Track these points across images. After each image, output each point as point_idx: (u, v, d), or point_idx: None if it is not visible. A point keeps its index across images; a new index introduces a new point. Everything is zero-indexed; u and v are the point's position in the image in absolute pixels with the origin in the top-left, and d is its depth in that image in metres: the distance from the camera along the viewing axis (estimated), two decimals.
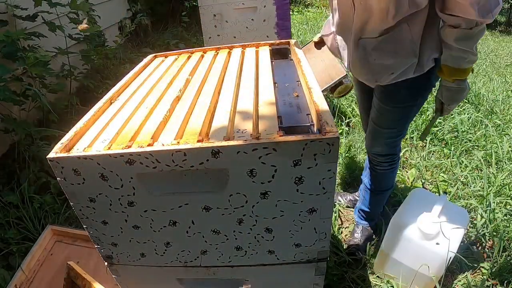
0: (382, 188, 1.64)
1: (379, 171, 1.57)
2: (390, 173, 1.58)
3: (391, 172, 1.58)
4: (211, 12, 2.29)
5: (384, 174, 1.58)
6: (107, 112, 0.93)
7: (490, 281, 1.56)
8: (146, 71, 1.19)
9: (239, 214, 0.80)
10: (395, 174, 1.62)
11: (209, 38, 2.37)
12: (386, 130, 1.42)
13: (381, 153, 1.50)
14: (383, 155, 1.51)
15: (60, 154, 0.74)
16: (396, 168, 1.59)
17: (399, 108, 1.34)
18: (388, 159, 1.52)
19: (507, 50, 6.11)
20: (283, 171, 0.72)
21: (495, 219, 1.80)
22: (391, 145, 1.47)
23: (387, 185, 1.64)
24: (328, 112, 0.75)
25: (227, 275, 0.96)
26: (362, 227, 1.79)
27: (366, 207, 1.73)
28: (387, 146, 1.48)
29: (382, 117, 1.39)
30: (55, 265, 1.47)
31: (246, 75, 1.03)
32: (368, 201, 1.70)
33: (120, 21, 4.01)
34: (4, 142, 2.21)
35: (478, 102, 3.19)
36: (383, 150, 1.49)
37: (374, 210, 1.73)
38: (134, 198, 0.79)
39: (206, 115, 0.82)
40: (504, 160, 2.32)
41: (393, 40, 1.14)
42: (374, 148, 1.50)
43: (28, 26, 2.20)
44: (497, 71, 4.67)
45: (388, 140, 1.45)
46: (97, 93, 2.78)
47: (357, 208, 1.80)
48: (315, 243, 0.85)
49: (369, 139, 1.51)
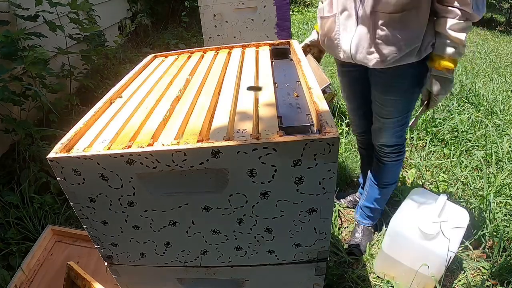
0: (388, 181, 1.66)
1: (387, 163, 1.59)
2: (396, 166, 1.62)
3: (398, 164, 1.61)
4: (211, 12, 2.29)
5: (390, 167, 1.61)
6: (107, 112, 0.93)
7: (490, 281, 1.56)
8: (146, 71, 1.19)
9: (239, 214, 0.80)
10: (400, 166, 1.66)
11: (209, 38, 2.37)
12: (391, 119, 1.45)
13: (389, 144, 1.54)
14: (390, 146, 1.54)
15: (60, 154, 0.74)
16: (401, 160, 1.62)
17: (401, 97, 1.38)
18: (396, 150, 1.55)
19: (507, 50, 6.12)
20: (283, 171, 0.72)
21: (495, 219, 1.80)
22: (397, 134, 1.51)
23: (392, 179, 1.66)
24: (328, 112, 0.75)
25: (227, 275, 0.96)
26: (363, 226, 1.79)
27: (371, 202, 1.74)
28: (394, 136, 1.51)
29: (386, 108, 1.43)
30: (55, 265, 1.47)
31: (246, 75, 1.03)
32: (373, 197, 1.71)
33: (120, 21, 4.01)
34: (4, 142, 2.21)
35: (478, 102, 3.19)
36: (391, 141, 1.53)
37: (377, 206, 1.74)
38: (134, 198, 0.79)
39: (206, 115, 0.82)
40: (504, 160, 2.32)
41: (403, 19, 1.19)
42: (381, 140, 1.54)
43: (28, 26, 2.20)
44: (497, 71, 4.67)
45: (395, 129, 1.49)
46: (97, 93, 2.78)
47: (360, 206, 1.80)
48: (315, 243, 0.85)
49: (375, 132, 1.54)
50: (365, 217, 1.79)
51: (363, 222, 1.79)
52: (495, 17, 9.58)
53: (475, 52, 5.62)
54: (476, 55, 5.47)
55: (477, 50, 5.78)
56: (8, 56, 1.90)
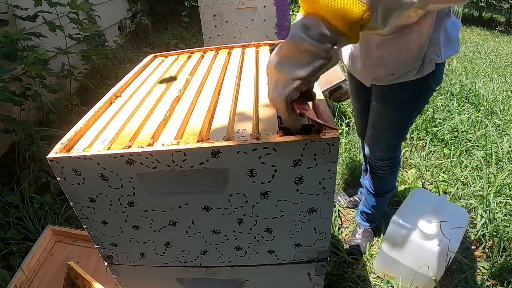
0: (384, 190, 1.64)
1: (380, 175, 1.56)
2: (391, 176, 1.57)
3: (392, 175, 1.57)
4: (211, 12, 2.29)
5: (385, 178, 1.57)
6: (107, 112, 0.93)
7: (490, 281, 1.56)
8: (146, 71, 1.19)
9: (239, 214, 0.80)
10: (396, 176, 1.62)
11: (209, 38, 2.38)
12: (386, 134, 1.39)
13: (381, 158, 1.49)
14: (383, 159, 1.49)
15: (60, 154, 0.74)
16: (397, 171, 1.58)
17: (399, 112, 1.31)
18: (389, 163, 1.50)
19: (507, 50, 6.12)
20: (283, 171, 0.72)
21: (495, 219, 1.80)
22: (391, 148, 1.46)
23: (388, 188, 1.64)
24: (328, 112, 0.75)
25: (227, 275, 0.96)
26: (364, 228, 1.79)
27: (368, 209, 1.72)
28: (387, 150, 1.46)
29: (382, 121, 1.36)
30: (55, 265, 1.47)
31: (246, 75, 1.03)
32: (370, 204, 1.70)
33: (120, 21, 4.01)
34: (4, 142, 2.21)
35: (478, 102, 3.19)
36: (384, 154, 1.48)
37: (376, 212, 1.73)
38: (134, 198, 0.79)
39: (206, 115, 0.82)
40: (504, 160, 2.32)
41: (401, 41, 1.09)
42: (375, 153, 1.48)
43: (28, 26, 2.20)
44: (497, 71, 4.67)
45: (388, 144, 1.43)
46: (97, 93, 2.79)
47: (359, 210, 1.80)
48: (315, 243, 0.85)
49: (369, 144, 1.49)
50: (365, 221, 1.79)
51: (364, 224, 1.79)
52: (495, 17, 9.58)
53: (475, 52, 5.62)
54: (476, 55, 5.47)
55: (477, 50, 5.78)
56: (8, 57, 1.90)
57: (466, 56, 5.25)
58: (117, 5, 3.93)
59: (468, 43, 6.33)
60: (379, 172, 1.55)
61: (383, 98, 1.30)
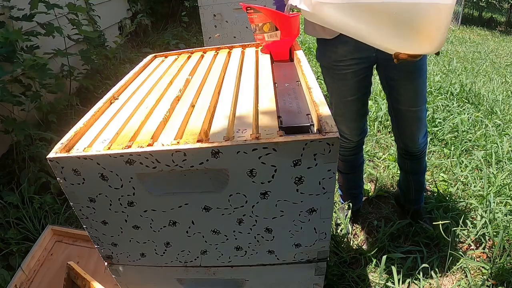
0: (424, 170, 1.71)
1: (421, 157, 1.60)
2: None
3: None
4: (211, 12, 2.29)
5: (424, 157, 1.62)
6: (107, 112, 0.93)
7: (490, 281, 1.56)
8: (146, 71, 1.19)
9: (239, 214, 0.80)
10: None
11: (209, 38, 2.38)
12: (422, 107, 1.41)
13: (424, 136, 1.51)
14: (425, 135, 1.52)
15: (60, 154, 0.74)
16: None
17: (422, 76, 1.34)
18: (425, 138, 1.54)
19: (507, 50, 6.12)
20: (283, 171, 0.72)
21: (495, 219, 1.80)
22: (426, 121, 1.48)
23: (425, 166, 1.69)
24: (328, 112, 0.75)
25: (227, 275, 0.96)
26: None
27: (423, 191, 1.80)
28: (426, 126, 1.49)
29: (417, 94, 1.37)
30: (55, 265, 1.47)
31: (246, 75, 1.03)
32: (424, 185, 1.78)
33: (120, 21, 4.01)
34: (4, 142, 2.21)
35: (478, 102, 3.19)
36: (425, 131, 1.51)
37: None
38: (134, 198, 0.79)
39: (206, 115, 0.82)
40: (504, 160, 2.32)
41: None
42: (420, 135, 1.48)
43: (26, 26, 2.19)
44: (497, 71, 4.67)
45: (425, 114, 1.45)
46: (97, 93, 2.78)
47: (421, 201, 1.84)
48: (315, 243, 0.85)
49: (414, 134, 1.47)
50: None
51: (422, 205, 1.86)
52: (495, 17, 9.59)
53: (475, 52, 5.62)
54: (476, 55, 5.47)
55: (477, 50, 5.79)
56: (7, 58, 1.90)
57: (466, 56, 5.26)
58: (117, 5, 3.93)
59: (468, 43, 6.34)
60: (422, 155, 1.58)
61: (410, 69, 1.30)
